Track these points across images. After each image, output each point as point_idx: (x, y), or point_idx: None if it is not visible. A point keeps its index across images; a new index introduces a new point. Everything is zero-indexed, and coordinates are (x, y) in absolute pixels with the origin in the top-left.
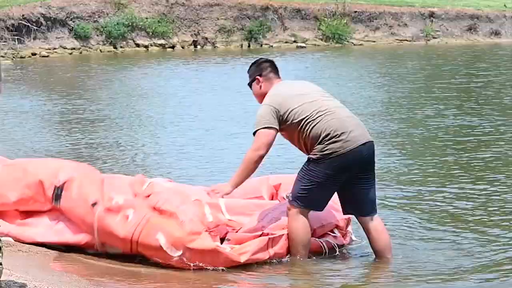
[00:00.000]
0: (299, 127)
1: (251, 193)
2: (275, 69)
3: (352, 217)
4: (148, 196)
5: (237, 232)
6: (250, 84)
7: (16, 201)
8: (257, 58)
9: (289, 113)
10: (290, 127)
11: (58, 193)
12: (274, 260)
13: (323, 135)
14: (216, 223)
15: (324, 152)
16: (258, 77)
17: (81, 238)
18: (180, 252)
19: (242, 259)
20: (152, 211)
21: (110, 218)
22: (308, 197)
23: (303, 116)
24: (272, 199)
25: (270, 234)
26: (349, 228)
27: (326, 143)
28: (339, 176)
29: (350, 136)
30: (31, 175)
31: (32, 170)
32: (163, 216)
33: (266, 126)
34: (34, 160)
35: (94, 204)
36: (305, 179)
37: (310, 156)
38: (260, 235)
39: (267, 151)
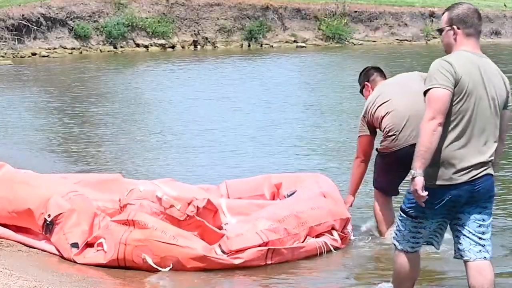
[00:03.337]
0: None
1: (253, 191)
2: (381, 73)
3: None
4: (125, 206)
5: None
6: (361, 91)
7: (5, 217)
8: (365, 67)
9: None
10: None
11: (49, 225)
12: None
13: (384, 132)
14: (185, 204)
15: (380, 147)
16: (366, 83)
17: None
18: (169, 267)
19: (236, 262)
20: (126, 228)
21: (87, 253)
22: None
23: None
24: (273, 198)
25: (271, 245)
26: (349, 228)
27: (383, 138)
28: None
29: (400, 136)
30: (20, 201)
31: (21, 195)
32: (138, 230)
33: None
34: (23, 178)
35: (73, 245)
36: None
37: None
38: (260, 246)
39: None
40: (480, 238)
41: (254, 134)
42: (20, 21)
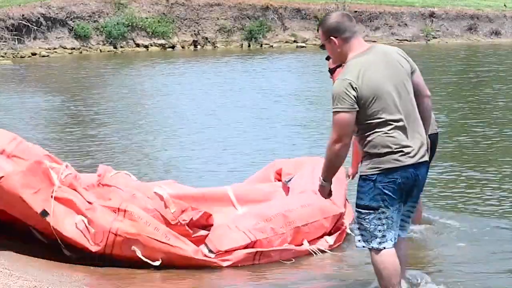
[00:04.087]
0: None
1: (261, 182)
2: None
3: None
4: (104, 185)
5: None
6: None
7: None
8: None
9: None
10: None
11: None
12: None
13: None
14: (180, 210)
15: None
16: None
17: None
18: (159, 262)
19: (224, 264)
20: (115, 215)
21: (67, 225)
22: None
23: None
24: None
25: (258, 244)
26: (346, 222)
27: None
28: None
29: None
30: None
31: None
32: (130, 221)
33: None
34: None
35: (43, 213)
36: None
37: None
38: (248, 245)
39: None
40: (402, 226)
41: (254, 133)
42: (20, 21)
